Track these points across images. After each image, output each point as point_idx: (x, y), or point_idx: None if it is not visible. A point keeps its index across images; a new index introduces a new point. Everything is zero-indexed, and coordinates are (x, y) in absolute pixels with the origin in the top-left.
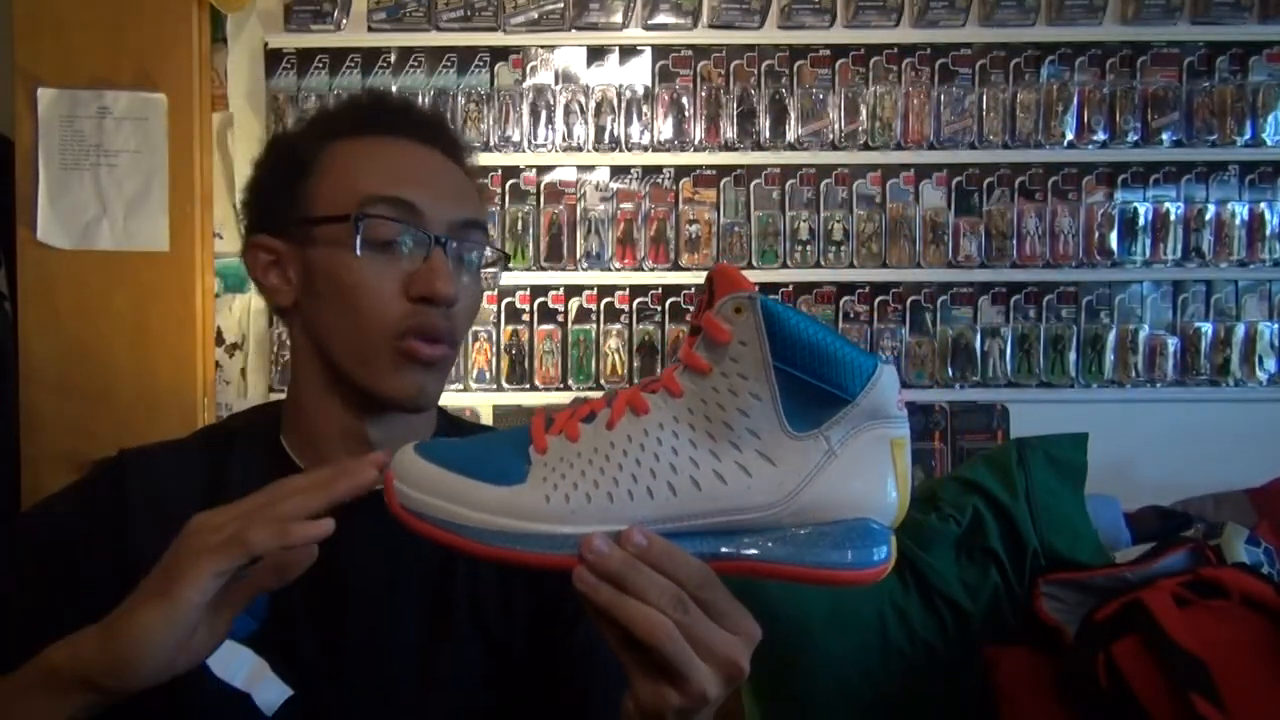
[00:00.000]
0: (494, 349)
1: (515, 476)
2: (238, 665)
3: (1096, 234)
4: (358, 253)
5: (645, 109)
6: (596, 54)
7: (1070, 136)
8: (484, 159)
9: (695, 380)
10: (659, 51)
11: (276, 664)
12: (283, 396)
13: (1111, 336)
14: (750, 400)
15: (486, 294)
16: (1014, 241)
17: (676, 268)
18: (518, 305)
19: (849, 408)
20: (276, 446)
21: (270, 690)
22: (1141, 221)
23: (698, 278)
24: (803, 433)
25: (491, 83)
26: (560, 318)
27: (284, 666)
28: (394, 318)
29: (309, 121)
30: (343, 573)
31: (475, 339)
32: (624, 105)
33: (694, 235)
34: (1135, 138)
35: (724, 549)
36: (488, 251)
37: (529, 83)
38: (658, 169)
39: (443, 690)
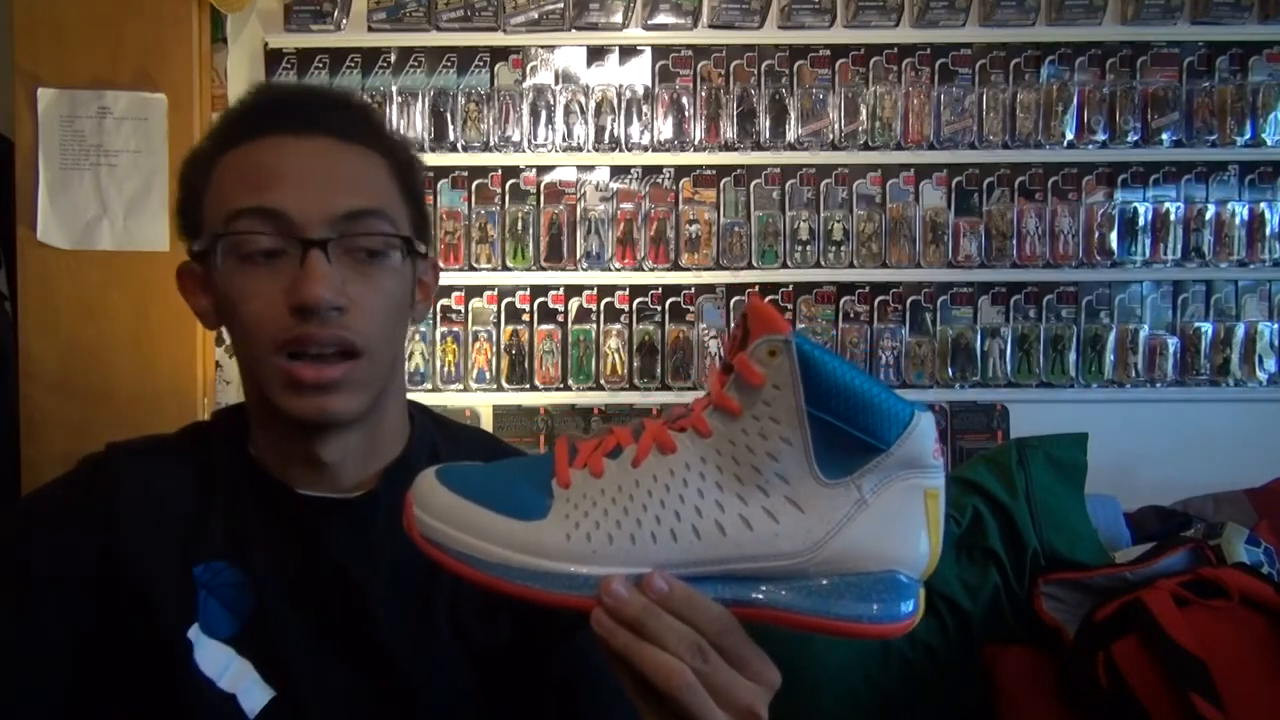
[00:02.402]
0: (494, 349)
1: (536, 511)
2: (222, 666)
3: (1096, 234)
4: (225, 270)
5: (645, 109)
6: (596, 54)
7: (1070, 136)
8: (484, 159)
9: (725, 421)
10: (659, 51)
11: (260, 666)
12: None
13: (1111, 336)
14: (781, 445)
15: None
16: (1014, 241)
17: (676, 268)
18: (518, 305)
19: (883, 456)
20: (246, 456)
21: (253, 693)
22: (1141, 221)
23: (698, 278)
24: (834, 480)
25: (491, 83)
26: (560, 318)
27: (267, 669)
28: (275, 331)
29: (209, 132)
30: (325, 577)
31: (475, 339)
32: (624, 105)
33: (694, 235)
34: (1135, 138)
35: (748, 595)
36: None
37: (529, 83)
38: (658, 169)
39: (425, 695)
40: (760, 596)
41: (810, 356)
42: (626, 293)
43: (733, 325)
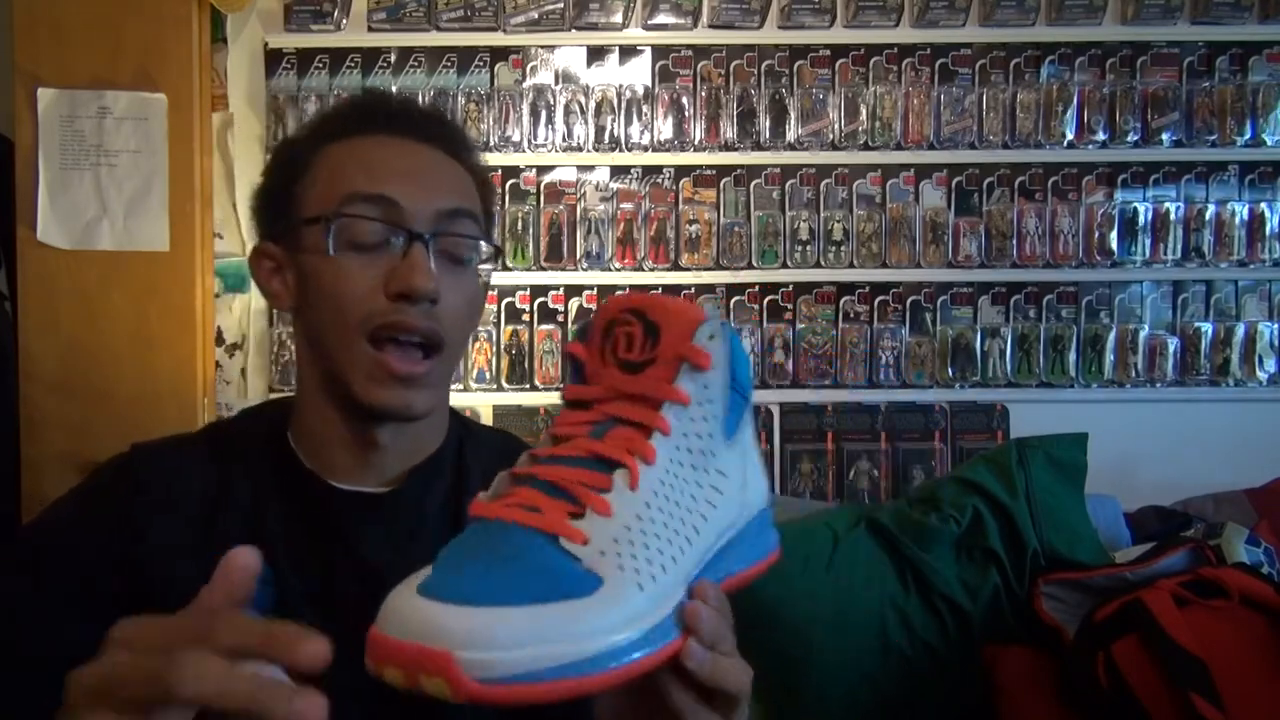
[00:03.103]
0: (494, 349)
1: (587, 581)
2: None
3: (1096, 234)
4: (331, 253)
5: (645, 109)
6: (596, 54)
7: (1070, 136)
8: (484, 159)
9: (677, 413)
10: (659, 51)
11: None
12: (283, 395)
13: (1111, 336)
14: (713, 422)
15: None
16: (1014, 241)
17: (676, 268)
18: (518, 305)
19: (748, 405)
20: (283, 445)
21: None
22: (1141, 221)
23: (698, 278)
24: (730, 438)
25: (491, 83)
26: (560, 318)
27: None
28: (370, 315)
29: (307, 125)
30: (349, 572)
31: (475, 339)
32: (624, 105)
33: (694, 235)
34: (1135, 138)
35: (727, 568)
36: (483, 247)
37: (529, 83)
38: (658, 169)
39: (454, 711)
40: (731, 565)
41: (730, 334)
42: (626, 293)
43: (588, 330)
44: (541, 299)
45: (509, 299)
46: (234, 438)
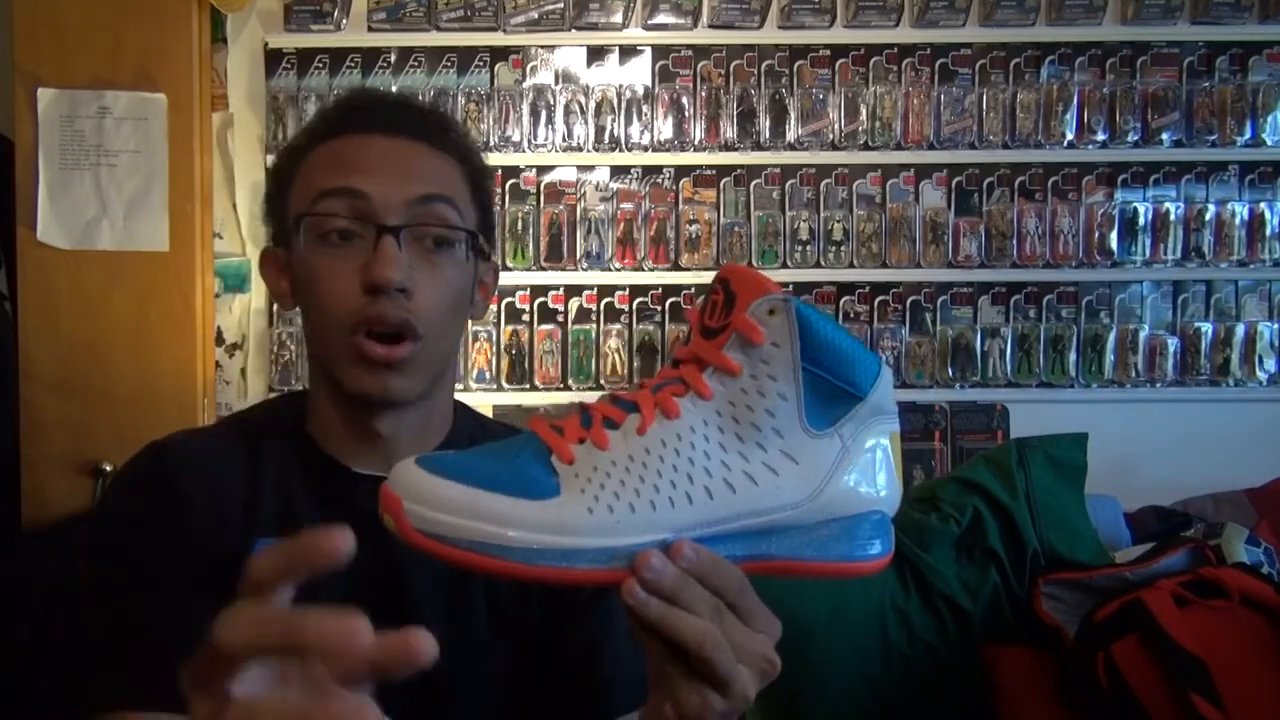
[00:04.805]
0: (494, 349)
1: (547, 490)
2: None
3: (1096, 234)
4: (304, 250)
5: (645, 109)
6: (596, 54)
7: (1070, 136)
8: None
9: (725, 382)
10: (659, 51)
11: None
12: (296, 390)
13: (1111, 336)
14: (777, 400)
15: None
16: (1014, 241)
17: (676, 268)
18: (518, 305)
19: (860, 405)
20: (303, 434)
21: None
22: (1141, 221)
23: (698, 278)
24: (821, 431)
25: (491, 83)
26: (560, 318)
27: None
28: (348, 310)
29: (300, 131)
30: (371, 555)
31: (475, 339)
32: (624, 105)
33: (694, 235)
34: (1135, 138)
35: (756, 550)
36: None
37: (529, 83)
38: (658, 169)
39: (460, 679)
40: (768, 549)
41: (805, 314)
42: (626, 293)
43: (710, 293)
44: (541, 299)
45: (509, 299)
46: (257, 426)
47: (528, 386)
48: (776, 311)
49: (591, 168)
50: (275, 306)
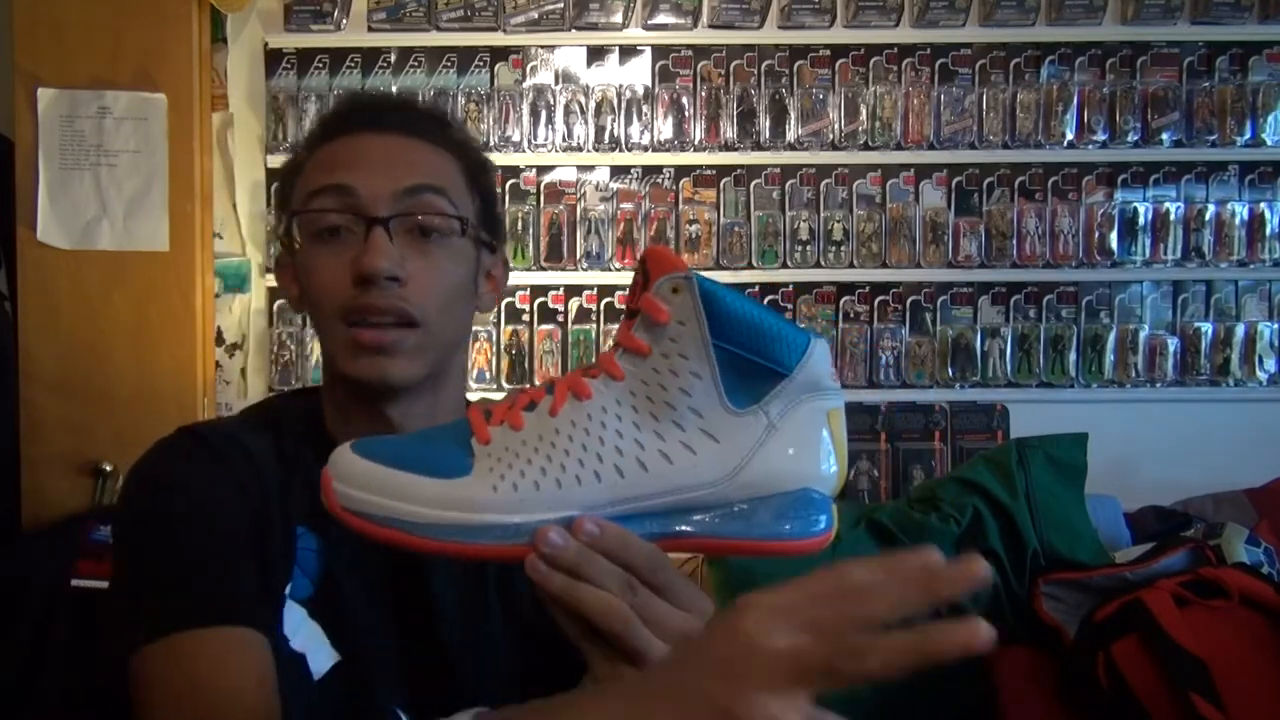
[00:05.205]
0: (494, 349)
1: (460, 469)
2: (296, 625)
3: (1096, 234)
4: (299, 246)
5: (645, 109)
6: (596, 54)
7: (1070, 136)
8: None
9: (635, 362)
10: (659, 51)
11: (329, 630)
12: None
13: (1111, 336)
14: (691, 379)
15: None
16: (1014, 241)
17: None
18: (518, 305)
19: (786, 381)
20: (322, 431)
21: (320, 655)
22: (1141, 221)
23: None
24: (743, 408)
25: (491, 83)
26: (560, 318)
27: (335, 634)
28: (340, 302)
29: (306, 134)
30: (385, 552)
31: (475, 339)
32: (624, 105)
33: (694, 235)
34: (1135, 138)
35: (674, 528)
36: (454, 222)
37: (529, 83)
38: (658, 169)
39: (475, 673)
40: (686, 528)
41: (711, 290)
42: (626, 293)
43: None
44: (541, 299)
45: (509, 299)
46: (279, 415)
47: (527, 386)
48: (680, 290)
49: (591, 168)
50: (275, 306)
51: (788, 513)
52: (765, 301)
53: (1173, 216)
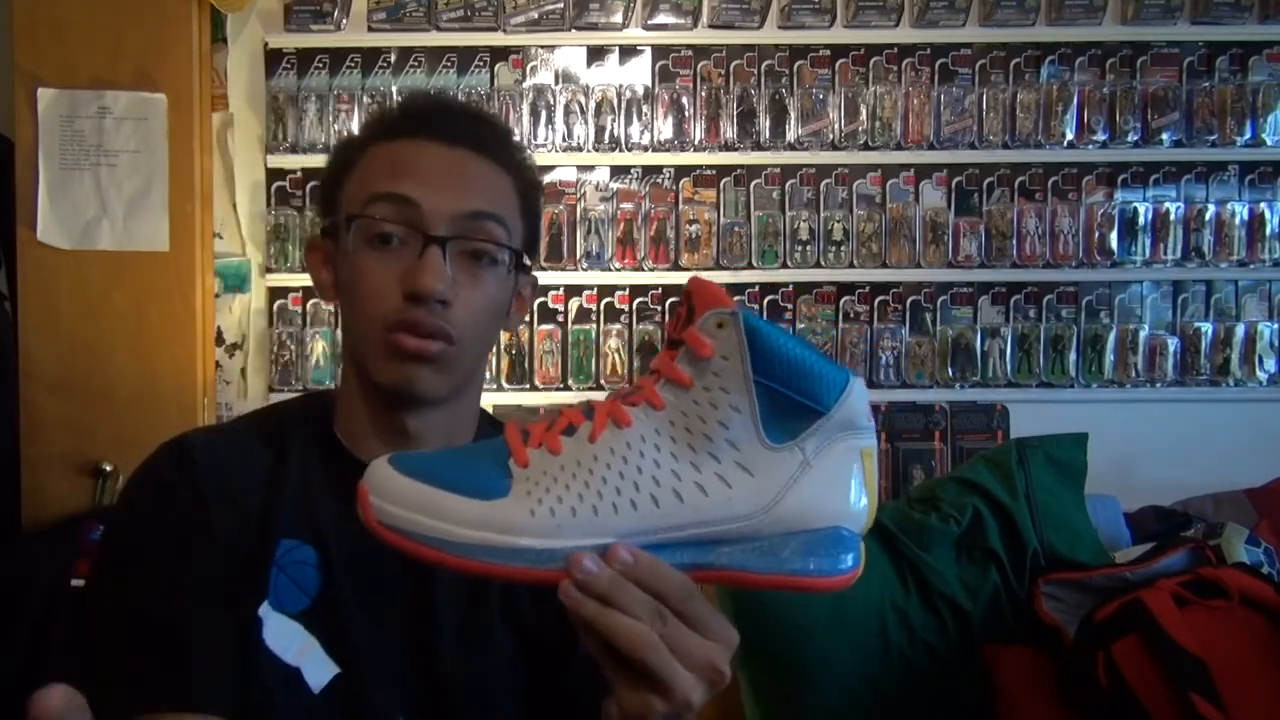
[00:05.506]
0: (494, 349)
1: (497, 490)
2: (289, 639)
3: (1096, 234)
4: (350, 249)
5: (645, 109)
6: (596, 54)
7: (1070, 136)
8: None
9: (676, 393)
10: (659, 51)
11: (326, 643)
12: (288, 394)
13: (1111, 336)
14: (730, 413)
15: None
16: (1014, 241)
17: (676, 268)
18: None
19: (823, 420)
20: (329, 434)
21: (318, 668)
22: (1141, 221)
23: None
24: (780, 444)
25: (491, 83)
26: (560, 318)
27: (333, 646)
28: (386, 312)
29: (363, 124)
30: (392, 558)
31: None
32: (624, 105)
33: (694, 235)
34: (1135, 138)
35: (705, 559)
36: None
37: (529, 83)
38: (658, 169)
39: (481, 679)
40: (717, 559)
41: (756, 327)
42: (626, 293)
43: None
44: (541, 299)
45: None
46: (281, 425)
47: (528, 386)
48: (725, 325)
49: (591, 168)
50: (275, 306)
51: (817, 550)
52: (765, 301)
53: (1173, 216)
